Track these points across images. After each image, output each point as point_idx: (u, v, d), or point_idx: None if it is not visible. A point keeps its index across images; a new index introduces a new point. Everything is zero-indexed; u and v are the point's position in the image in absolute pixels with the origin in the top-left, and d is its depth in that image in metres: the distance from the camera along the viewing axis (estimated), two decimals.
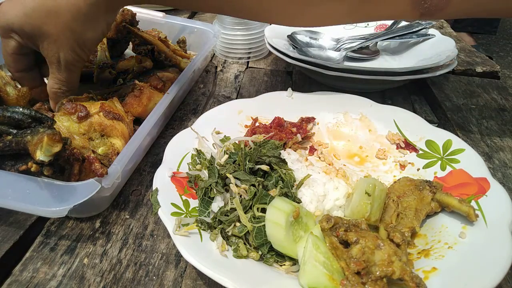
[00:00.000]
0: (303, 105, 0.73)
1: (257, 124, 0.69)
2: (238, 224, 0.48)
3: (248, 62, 1.02)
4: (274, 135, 0.64)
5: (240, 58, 1.02)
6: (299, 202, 0.52)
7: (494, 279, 0.40)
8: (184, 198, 0.53)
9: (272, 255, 0.47)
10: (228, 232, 0.48)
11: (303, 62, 0.80)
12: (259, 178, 0.52)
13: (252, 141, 0.58)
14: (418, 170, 0.61)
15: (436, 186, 0.53)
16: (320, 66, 0.78)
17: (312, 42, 0.98)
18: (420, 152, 0.63)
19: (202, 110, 0.81)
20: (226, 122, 0.67)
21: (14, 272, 0.48)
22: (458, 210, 0.49)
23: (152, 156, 0.68)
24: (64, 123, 0.57)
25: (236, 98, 0.83)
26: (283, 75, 0.96)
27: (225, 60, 1.03)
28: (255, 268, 0.45)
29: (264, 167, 0.53)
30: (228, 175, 0.51)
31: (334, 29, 1.01)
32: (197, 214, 0.51)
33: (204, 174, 0.55)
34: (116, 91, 0.70)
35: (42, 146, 0.44)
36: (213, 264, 0.43)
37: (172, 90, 0.68)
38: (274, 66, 1.00)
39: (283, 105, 0.72)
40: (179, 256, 0.51)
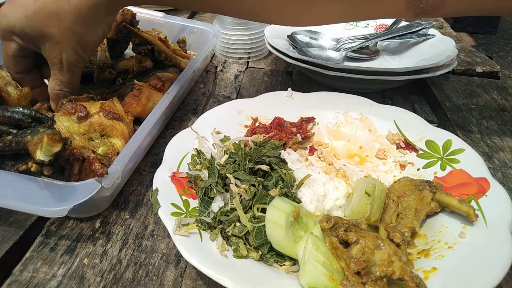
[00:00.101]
0: (303, 105, 0.73)
1: (257, 124, 0.69)
2: (238, 224, 0.48)
3: (248, 62, 1.02)
4: (274, 135, 0.64)
5: (240, 58, 1.02)
6: (299, 202, 0.52)
7: (494, 279, 0.40)
8: (184, 198, 0.53)
9: (272, 255, 0.47)
10: (228, 232, 0.48)
11: (303, 62, 0.80)
12: (259, 178, 0.52)
13: (252, 141, 0.58)
14: (418, 170, 0.61)
15: (436, 186, 0.53)
16: (320, 66, 0.78)
17: (312, 42, 0.98)
18: (420, 152, 0.63)
19: (202, 110, 0.81)
20: (226, 122, 0.67)
21: (14, 272, 0.48)
22: (458, 210, 0.49)
23: (152, 156, 0.68)
24: (64, 123, 0.57)
25: (236, 98, 0.83)
26: (283, 75, 0.96)
27: (225, 60, 1.03)
28: (255, 268, 0.45)
29: (264, 167, 0.53)
30: (228, 175, 0.51)
31: (334, 29, 1.01)
32: (197, 214, 0.51)
33: (204, 174, 0.55)
34: (116, 90, 0.70)
35: (42, 146, 0.44)
36: (213, 264, 0.43)
37: (172, 90, 0.68)
38: (274, 66, 1.00)
39: (283, 105, 0.72)
40: (179, 256, 0.51)
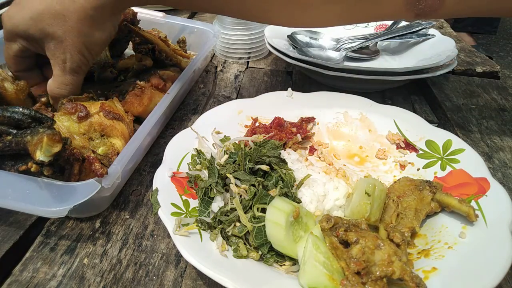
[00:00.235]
0: (303, 105, 0.73)
1: (257, 124, 0.69)
2: (238, 224, 0.48)
3: (248, 62, 1.02)
4: (274, 135, 0.64)
5: (240, 58, 1.02)
6: (299, 202, 0.52)
7: (494, 279, 0.40)
8: (184, 198, 0.53)
9: (272, 255, 0.47)
10: (228, 232, 0.48)
11: (303, 62, 0.80)
12: (259, 178, 0.52)
13: (252, 141, 0.58)
14: (418, 170, 0.61)
15: (436, 186, 0.53)
16: (320, 66, 0.78)
17: (312, 42, 0.98)
18: (420, 152, 0.63)
19: (202, 110, 0.81)
20: (226, 122, 0.67)
21: (14, 272, 0.48)
22: (458, 210, 0.49)
23: (152, 156, 0.68)
24: (64, 123, 0.57)
25: (236, 98, 0.83)
26: (283, 75, 0.96)
27: (225, 60, 1.03)
28: (255, 268, 0.45)
29: (264, 167, 0.53)
30: (228, 175, 0.51)
31: (334, 29, 1.01)
32: (197, 214, 0.51)
33: (204, 174, 0.55)
34: (117, 86, 0.70)
35: (42, 146, 0.44)
36: (213, 264, 0.43)
37: (173, 90, 0.68)
38: (274, 66, 1.00)
39: (283, 105, 0.72)
40: (179, 256, 0.51)
